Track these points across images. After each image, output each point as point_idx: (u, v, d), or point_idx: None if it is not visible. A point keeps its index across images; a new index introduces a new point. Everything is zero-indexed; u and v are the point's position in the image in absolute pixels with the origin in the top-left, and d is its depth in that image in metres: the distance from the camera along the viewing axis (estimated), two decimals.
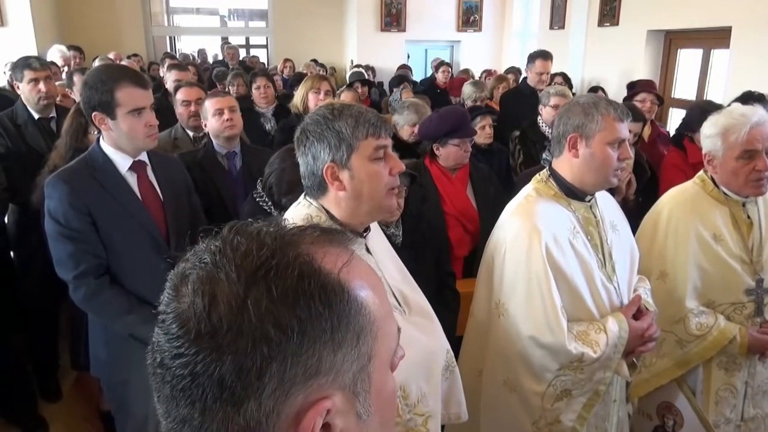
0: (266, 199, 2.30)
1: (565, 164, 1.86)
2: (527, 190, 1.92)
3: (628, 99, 3.96)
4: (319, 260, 0.58)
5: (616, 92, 5.65)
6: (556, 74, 5.73)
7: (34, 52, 6.48)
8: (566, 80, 5.72)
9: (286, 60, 8.23)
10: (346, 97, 4.38)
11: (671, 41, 6.02)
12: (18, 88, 3.24)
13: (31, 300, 3.17)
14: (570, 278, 1.78)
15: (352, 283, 0.59)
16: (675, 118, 5.79)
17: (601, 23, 6.80)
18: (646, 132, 3.89)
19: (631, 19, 6.28)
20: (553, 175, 1.89)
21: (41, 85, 3.16)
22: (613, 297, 1.87)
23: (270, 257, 0.56)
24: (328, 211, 1.40)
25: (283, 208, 1.76)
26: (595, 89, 5.39)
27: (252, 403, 0.53)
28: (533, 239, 1.76)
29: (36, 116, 3.20)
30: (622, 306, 1.89)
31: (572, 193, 1.86)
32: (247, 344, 0.52)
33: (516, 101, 4.69)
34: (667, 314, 2.10)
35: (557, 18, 7.86)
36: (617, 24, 6.53)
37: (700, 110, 3.05)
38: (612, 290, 1.87)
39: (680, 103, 5.82)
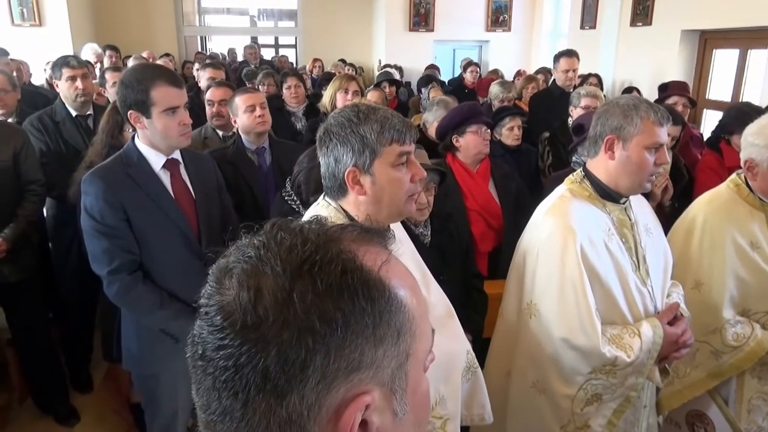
0: (295, 198, 2.32)
1: (601, 165, 1.83)
2: (561, 191, 1.90)
3: (659, 102, 3.86)
4: (360, 257, 0.58)
5: (649, 94, 5.52)
6: (589, 75, 5.64)
7: (70, 52, 6.64)
8: (599, 82, 5.63)
9: (315, 60, 8.26)
10: (372, 96, 4.37)
11: (706, 41, 5.88)
12: (57, 86, 3.34)
13: (68, 292, 3.26)
14: (604, 280, 1.75)
15: (392, 281, 0.59)
16: (710, 120, 5.65)
17: (633, 23, 6.68)
18: None
19: (665, 19, 6.15)
20: (588, 176, 1.86)
21: (78, 82, 3.24)
22: (647, 300, 1.84)
23: (314, 252, 0.57)
24: (347, 213, 1.40)
25: None
26: (629, 90, 5.28)
27: (295, 395, 0.53)
28: (568, 239, 1.74)
29: (74, 113, 3.28)
30: (655, 309, 1.86)
31: (607, 194, 1.83)
32: (292, 336, 0.53)
33: (545, 102, 4.62)
34: (702, 324, 2.05)
35: (588, 17, 7.75)
36: (650, 24, 6.39)
37: (738, 112, 2.98)
38: (646, 294, 1.84)
39: (715, 105, 5.68)
